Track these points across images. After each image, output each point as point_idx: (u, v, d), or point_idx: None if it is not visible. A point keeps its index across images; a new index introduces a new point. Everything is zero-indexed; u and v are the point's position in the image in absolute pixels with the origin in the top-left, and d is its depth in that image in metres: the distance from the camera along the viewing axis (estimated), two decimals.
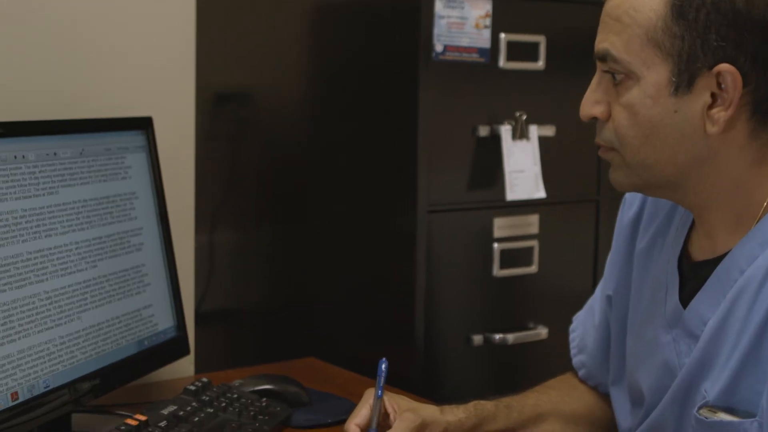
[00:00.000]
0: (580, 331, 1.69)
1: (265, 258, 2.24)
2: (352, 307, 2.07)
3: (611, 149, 1.38)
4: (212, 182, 2.27)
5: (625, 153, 1.36)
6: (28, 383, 1.51)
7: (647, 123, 1.33)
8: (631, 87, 1.33)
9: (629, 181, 1.39)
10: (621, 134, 1.35)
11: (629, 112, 1.34)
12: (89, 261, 1.66)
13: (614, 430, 1.63)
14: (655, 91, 1.32)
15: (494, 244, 2.02)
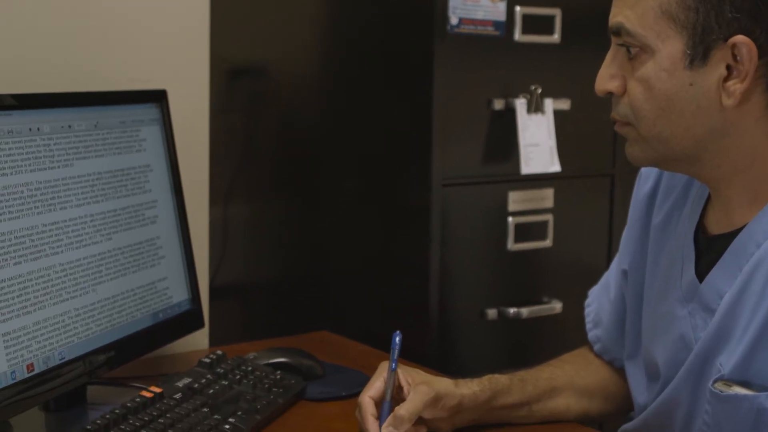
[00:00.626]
0: (596, 306, 1.69)
1: (279, 231, 2.24)
2: (366, 281, 2.07)
3: (627, 124, 1.37)
4: (226, 156, 2.27)
5: (641, 127, 1.35)
6: (44, 355, 1.51)
7: (662, 96, 1.32)
8: (646, 61, 1.32)
9: (645, 155, 1.38)
10: (636, 108, 1.35)
11: (644, 86, 1.33)
12: (104, 233, 1.66)
13: (629, 404, 1.63)
14: (669, 65, 1.31)
15: (509, 218, 2.01)
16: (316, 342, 1.98)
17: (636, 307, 1.56)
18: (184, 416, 1.50)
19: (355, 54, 2.07)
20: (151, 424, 1.45)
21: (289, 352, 1.81)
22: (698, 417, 1.38)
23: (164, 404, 1.52)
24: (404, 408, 1.48)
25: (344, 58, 2.09)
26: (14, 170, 1.50)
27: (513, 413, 1.60)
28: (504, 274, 2.04)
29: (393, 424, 1.47)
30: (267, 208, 2.27)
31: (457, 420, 1.56)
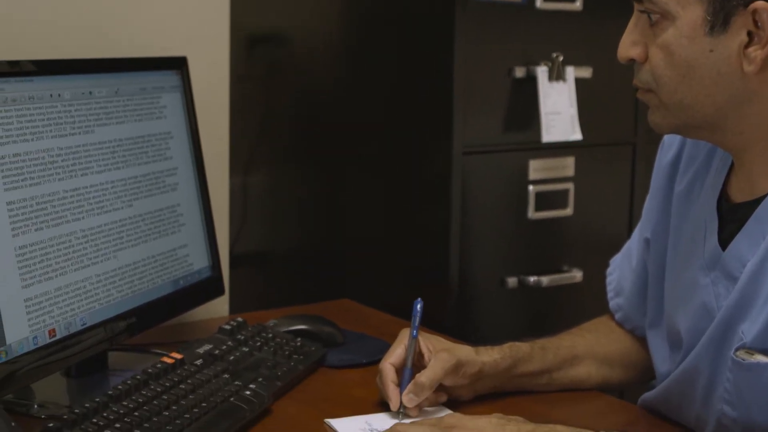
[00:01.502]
0: (617, 275, 1.68)
1: (299, 200, 2.24)
2: (386, 250, 2.07)
3: (649, 91, 1.36)
4: (246, 124, 2.26)
5: (662, 94, 1.35)
6: (65, 321, 1.51)
7: (683, 63, 1.31)
8: (667, 27, 1.31)
9: (667, 122, 1.38)
10: (658, 75, 1.34)
11: (665, 52, 1.32)
12: (125, 200, 1.66)
13: (649, 373, 1.63)
14: (690, 31, 1.30)
15: (529, 187, 2.01)
16: (337, 310, 1.98)
17: (658, 275, 1.55)
18: (205, 382, 1.50)
19: (375, 22, 2.06)
20: (172, 390, 1.45)
21: (309, 319, 1.81)
22: (720, 385, 1.38)
23: (185, 370, 1.52)
24: (425, 375, 1.48)
25: (364, 26, 2.09)
26: (35, 136, 1.51)
27: (533, 381, 1.60)
28: (524, 242, 2.03)
29: (414, 390, 1.48)
30: (287, 176, 2.26)
31: (478, 387, 1.56)
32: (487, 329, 1.98)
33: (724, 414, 1.38)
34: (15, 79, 1.49)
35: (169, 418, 1.38)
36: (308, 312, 1.88)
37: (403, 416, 1.49)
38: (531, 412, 1.39)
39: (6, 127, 1.46)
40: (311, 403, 1.57)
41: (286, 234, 2.28)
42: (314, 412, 1.52)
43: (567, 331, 1.67)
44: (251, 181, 2.28)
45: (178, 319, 1.85)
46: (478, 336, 1.92)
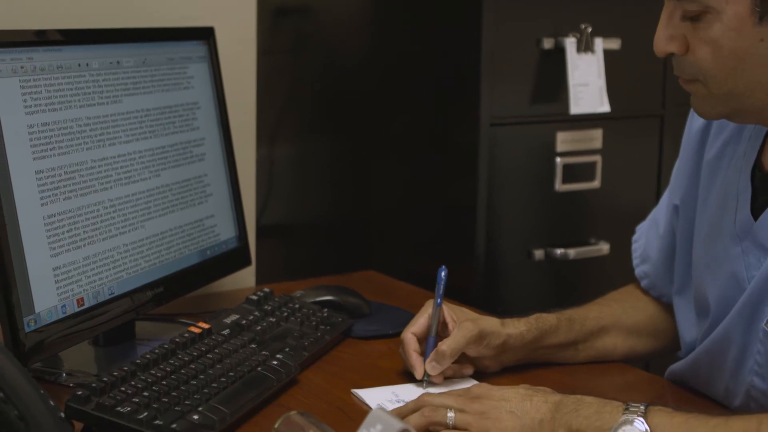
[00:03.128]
0: (643, 242, 1.67)
1: (326, 171, 2.24)
2: (412, 221, 2.07)
3: (695, 81, 1.34)
4: (273, 96, 2.26)
5: (711, 86, 1.32)
6: (94, 290, 1.52)
7: (732, 56, 1.29)
8: (712, 22, 1.28)
9: (715, 111, 1.35)
10: (705, 68, 1.31)
11: (712, 47, 1.29)
12: (152, 170, 1.66)
13: (676, 342, 1.62)
14: (737, 24, 1.27)
15: (557, 159, 2.00)
16: (363, 281, 1.98)
17: (686, 242, 1.54)
18: (232, 352, 1.51)
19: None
20: (200, 360, 1.46)
21: (335, 290, 1.82)
22: (750, 357, 1.37)
23: (212, 340, 1.52)
24: (446, 343, 1.48)
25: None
26: (63, 105, 1.51)
27: (559, 353, 1.60)
28: (551, 214, 2.03)
29: (436, 359, 1.47)
30: (314, 148, 2.26)
31: (504, 359, 1.56)
32: (514, 302, 1.98)
33: (753, 386, 1.37)
34: (43, 48, 1.49)
35: (196, 387, 1.38)
36: (334, 283, 1.88)
37: (427, 384, 1.49)
38: (558, 384, 1.39)
39: (35, 97, 1.46)
40: (338, 374, 1.57)
41: (312, 205, 2.28)
42: (341, 383, 1.53)
43: (593, 302, 1.66)
44: (277, 153, 2.28)
45: (205, 289, 1.86)
46: (504, 308, 1.91)
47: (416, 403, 1.35)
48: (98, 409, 1.29)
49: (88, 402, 1.30)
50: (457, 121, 1.96)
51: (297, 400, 1.46)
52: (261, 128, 2.24)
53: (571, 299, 1.69)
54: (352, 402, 1.47)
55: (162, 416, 1.30)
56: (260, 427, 1.37)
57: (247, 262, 1.88)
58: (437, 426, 1.31)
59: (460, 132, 1.95)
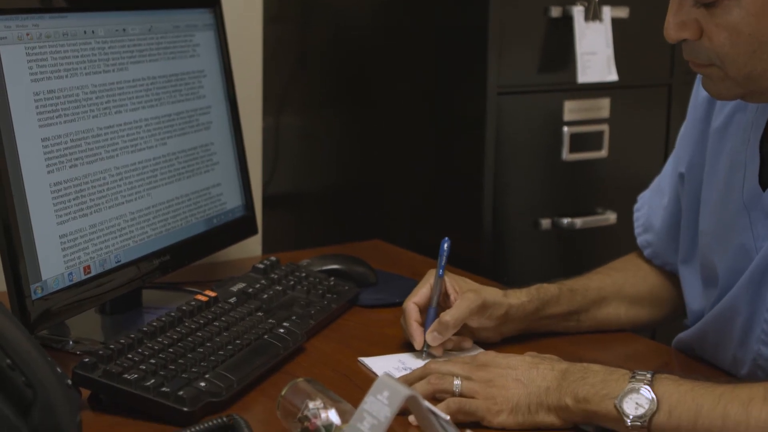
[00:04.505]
0: (646, 210, 1.67)
1: (333, 141, 2.24)
2: (419, 190, 2.06)
3: (710, 65, 1.32)
4: (279, 65, 2.25)
5: (729, 69, 1.30)
6: (100, 258, 1.52)
7: (753, 40, 1.27)
8: (730, 8, 1.26)
9: (732, 93, 1.34)
10: (723, 53, 1.29)
11: (730, 32, 1.27)
12: (158, 138, 1.66)
13: (680, 311, 1.62)
14: (758, 8, 1.25)
15: (564, 128, 1.99)
16: (369, 250, 1.98)
17: (692, 210, 1.54)
18: (239, 320, 1.51)
19: None
20: (206, 327, 1.46)
21: (342, 259, 1.81)
22: (757, 326, 1.37)
23: (219, 308, 1.52)
24: (449, 314, 1.48)
25: None
26: (69, 73, 1.50)
27: (561, 323, 1.60)
28: (558, 184, 2.02)
29: (437, 329, 1.47)
30: (320, 117, 2.26)
31: (505, 330, 1.56)
32: (521, 271, 1.98)
33: (760, 354, 1.37)
34: (49, 15, 1.48)
35: (203, 354, 1.38)
36: (341, 252, 1.88)
37: (427, 355, 1.49)
38: (564, 353, 1.39)
39: (40, 64, 1.46)
40: (344, 342, 1.57)
41: (319, 175, 2.27)
42: (348, 351, 1.53)
43: (595, 271, 1.66)
44: (284, 121, 2.27)
45: (212, 258, 1.86)
46: (510, 278, 1.91)
47: (423, 371, 1.35)
48: (105, 377, 1.29)
49: (96, 369, 1.30)
50: (464, 89, 1.95)
51: (303, 367, 1.47)
52: (267, 97, 2.24)
53: (578, 269, 1.68)
54: (359, 370, 1.47)
55: (169, 383, 1.30)
56: (267, 395, 1.37)
57: (254, 231, 1.88)
58: (444, 393, 1.31)
59: (468, 101, 1.94)
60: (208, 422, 1.25)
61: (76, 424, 1.16)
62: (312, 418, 1.17)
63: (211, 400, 1.31)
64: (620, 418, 1.23)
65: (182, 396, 1.28)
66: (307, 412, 1.18)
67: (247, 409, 1.33)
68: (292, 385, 1.23)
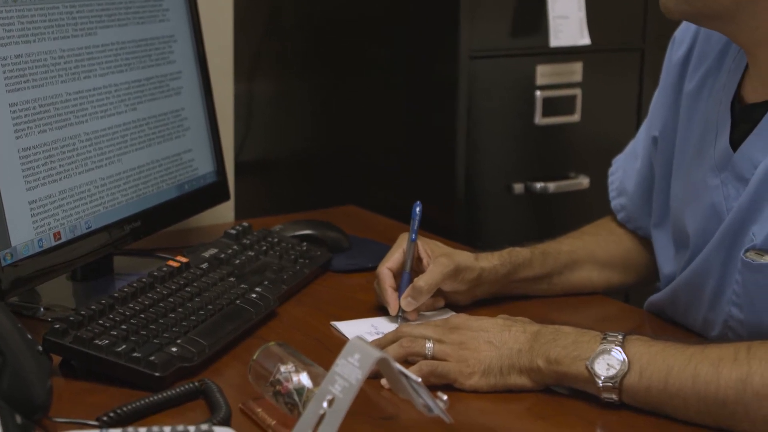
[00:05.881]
0: (620, 174, 1.67)
1: (305, 106, 2.23)
2: (392, 156, 2.06)
3: None
4: (250, 29, 2.24)
5: None
6: (70, 224, 1.51)
7: None
8: None
9: (680, 9, 1.34)
10: None
11: None
12: (128, 104, 1.64)
13: (652, 275, 1.63)
14: None
15: (536, 92, 1.99)
16: (343, 216, 1.98)
17: (665, 174, 1.54)
18: (211, 285, 1.50)
19: None
20: (178, 293, 1.45)
21: (315, 224, 1.81)
22: (728, 287, 1.37)
23: (190, 273, 1.52)
24: (423, 279, 1.48)
25: None
26: (37, 37, 1.49)
27: (533, 286, 1.60)
28: (531, 148, 2.02)
29: (411, 294, 1.47)
30: (292, 83, 2.25)
31: (477, 293, 1.56)
32: (494, 235, 1.98)
33: (731, 316, 1.38)
34: None
35: (174, 320, 1.38)
36: (314, 218, 1.88)
37: (401, 320, 1.49)
38: (537, 316, 1.39)
39: (7, 28, 1.44)
40: (317, 307, 1.57)
41: (291, 140, 2.27)
42: (320, 315, 1.53)
43: (567, 235, 1.66)
44: (256, 87, 2.26)
45: (184, 224, 1.85)
46: (484, 243, 1.91)
47: (395, 334, 1.35)
48: (76, 342, 1.29)
49: (66, 335, 1.30)
50: (436, 54, 1.95)
51: (276, 332, 1.46)
52: (239, 62, 2.22)
53: (551, 233, 1.68)
54: (331, 334, 1.47)
55: (140, 349, 1.29)
56: (239, 360, 1.37)
57: (226, 197, 1.87)
58: (416, 356, 1.31)
59: (440, 65, 1.94)
60: (180, 387, 1.25)
61: (46, 389, 1.16)
62: (284, 381, 1.17)
63: (182, 365, 1.30)
64: (592, 379, 1.23)
65: (154, 361, 1.28)
66: (279, 375, 1.18)
67: (219, 374, 1.33)
68: (263, 349, 1.23)
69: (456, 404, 1.22)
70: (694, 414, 1.21)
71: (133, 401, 1.20)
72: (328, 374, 1.08)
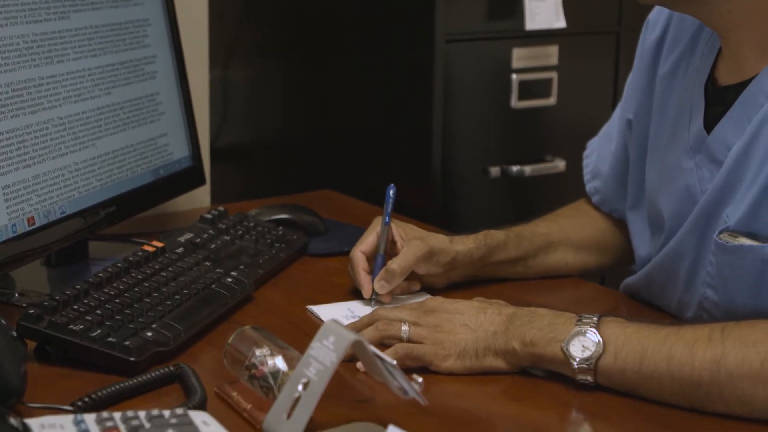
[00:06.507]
0: (595, 157, 1.67)
1: (281, 91, 2.22)
2: (369, 139, 2.06)
3: None
4: (226, 14, 2.23)
5: None
6: (44, 209, 1.50)
7: None
8: None
9: None
10: None
11: None
12: (102, 88, 1.64)
13: (627, 257, 1.63)
14: None
15: (512, 75, 1.99)
16: (319, 200, 1.97)
17: (640, 157, 1.54)
18: (186, 270, 1.50)
19: None
20: (153, 278, 1.45)
21: (291, 208, 1.81)
22: (702, 269, 1.38)
23: (166, 258, 1.51)
24: (396, 262, 1.48)
25: None
26: (9, 21, 1.47)
27: (509, 269, 1.60)
28: (507, 131, 2.02)
29: (385, 277, 1.47)
30: (269, 68, 2.24)
31: (453, 276, 1.56)
32: (470, 219, 1.98)
33: (705, 297, 1.38)
34: None
35: (150, 305, 1.37)
36: (290, 202, 1.87)
37: (375, 303, 1.49)
38: (512, 298, 1.39)
39: None
40: (293, 291, 1.57)
41: (268, 125, 2.26)
42: (296, 299, 1.52)
43: (542, 218, 1.66)
44: (232, 72, 2.25)
45: (160, 209, 1.84)
46: (460, 226, 1.91)
47: (370, 318, 1.35)
48: (51, 328, 1.28)
49: (41, 320, 1.29)
50: (412, 37, 1.94)
51: (252, 316, 1.46)
52: (215, 47, 2.21)
53: (527, 216, 1.69)
54: (307, 318, 1.47)
55: (115, 334, 1.29)
56: (215, 344, 1.37)
57: (201, 182, 1.86)
58: (392, 339, 1.31)
59: (416, 48, 1.94)
60: (155, 372, 1.25)
61: (20, 375, 1.15)
62: (259, 365, 1.17)
63: (158, 350, 1.30)
64: (567, 361, 1.24)
65: (129, 346, 1.27)
66: (254, 359, 1.17)
67: (194, 359, 1.33)
68: (239, 332, 1.23)
69: (431, 387, 1.23)
70: (668, 395, 1.21)
71: (108, 386, 1.20)
72: (302, 357, 1.08)
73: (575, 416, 1.23)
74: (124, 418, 1.07)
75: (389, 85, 2.00)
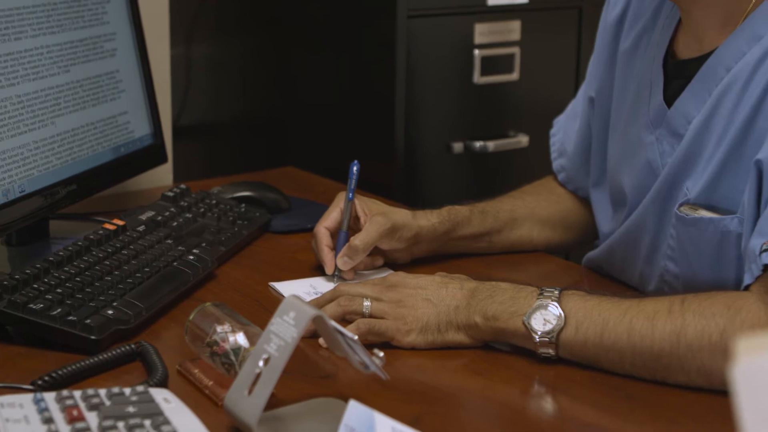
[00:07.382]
0: (561, 135, 1.68)
1: (243, 67, 2.21)
2: (331, 116, 2.05)
3: None
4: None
5: None
6: (3, 187, 1.49)
7: None
8: None
9: None
10: None
11: None
12: (61, 65, 1.62)
13: (592, 234, 1.64)
14: None
15: (475, 51, 1.98)
16: (282, 177, 1.97)
17: (602, 134, 1.55)
18: (148, 248, 1.49)
19: None
20: (114, 256, 1.44)
21: (253, 185, 1.80)
22: (663, 242, 1.38)
23: (127, 236, 1.50)
24: (359, 238, 1.47)
25: None
26: None
27: (473, 244, 1.60)
28: (470, 107, 2.02)
29: (347, 253, 1.47)
30: (230, 44, 2.22)
31: (415, 251, 1.56)
32: (434, 195, 1.98)
33: (666, 270, 1.39)
34: None
35: (111, 283, 1.37)
36: (253, 179, 1.86)
37: (338, 279, 1.48)
38: (476, 273, 1.39)
39: None
40: (256, 268, 1.56)
41: (230, 102, 2.25)
42: (258, 276, 1.52)
43: (507, 194, 1.66)
44: (194, 49, 2.24)
45: (122, 187, 1.83)
46: (424, 202, 1.91)
47: (333, 294, 1.35)
48: (10, 307, 1.27)
49: (0, 300, 1.28)
50: (374, 13, 1.93)
51: (214, 293, 1.46)
52: (176, 23, 2.20)
53: (491, 192, 1.69)
54: (269, 295, 1.46)
55: (76, 312, 1.28)
56: (176, 322, 1.36)
57: (163, 159, 1.85)
58: (353, 314, 1.31)
59: (378, 24, 1.93)
60: (116, 349, 1.24)
61: None
62: (220, 342, 1.16)
63: (119, 328, 1.29)
64: (528, 335, 1.24)
65: (89, 324, 1.27)
66: (215, 336, 1.17)
67: (156, 336, 1.32)
68: (200, 309, 1.22)
69: (394, 361, 1.23)
70: (629, 367, 1.22)
71: (69, 364, 1.19)
72: (263, 333, 1.08)
73: (537, 389, 1.24)
74: (84, 396, 1.06)
75: (352, 61, 1.99)
